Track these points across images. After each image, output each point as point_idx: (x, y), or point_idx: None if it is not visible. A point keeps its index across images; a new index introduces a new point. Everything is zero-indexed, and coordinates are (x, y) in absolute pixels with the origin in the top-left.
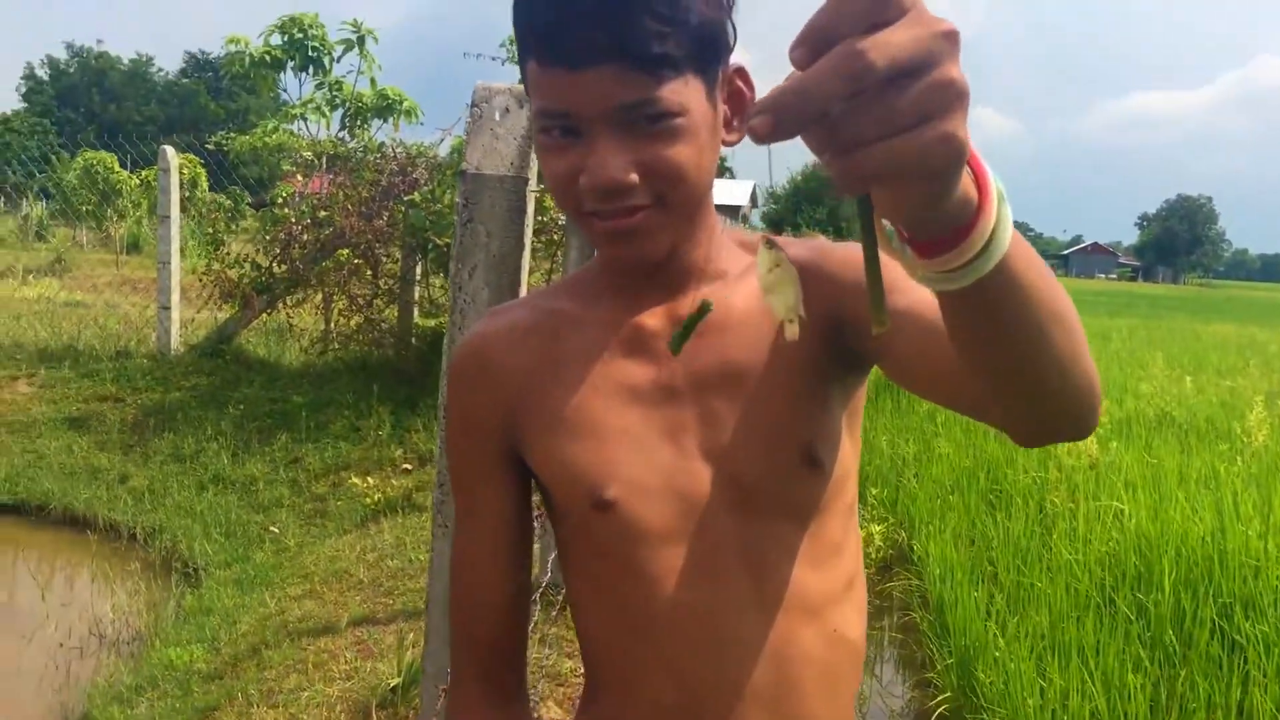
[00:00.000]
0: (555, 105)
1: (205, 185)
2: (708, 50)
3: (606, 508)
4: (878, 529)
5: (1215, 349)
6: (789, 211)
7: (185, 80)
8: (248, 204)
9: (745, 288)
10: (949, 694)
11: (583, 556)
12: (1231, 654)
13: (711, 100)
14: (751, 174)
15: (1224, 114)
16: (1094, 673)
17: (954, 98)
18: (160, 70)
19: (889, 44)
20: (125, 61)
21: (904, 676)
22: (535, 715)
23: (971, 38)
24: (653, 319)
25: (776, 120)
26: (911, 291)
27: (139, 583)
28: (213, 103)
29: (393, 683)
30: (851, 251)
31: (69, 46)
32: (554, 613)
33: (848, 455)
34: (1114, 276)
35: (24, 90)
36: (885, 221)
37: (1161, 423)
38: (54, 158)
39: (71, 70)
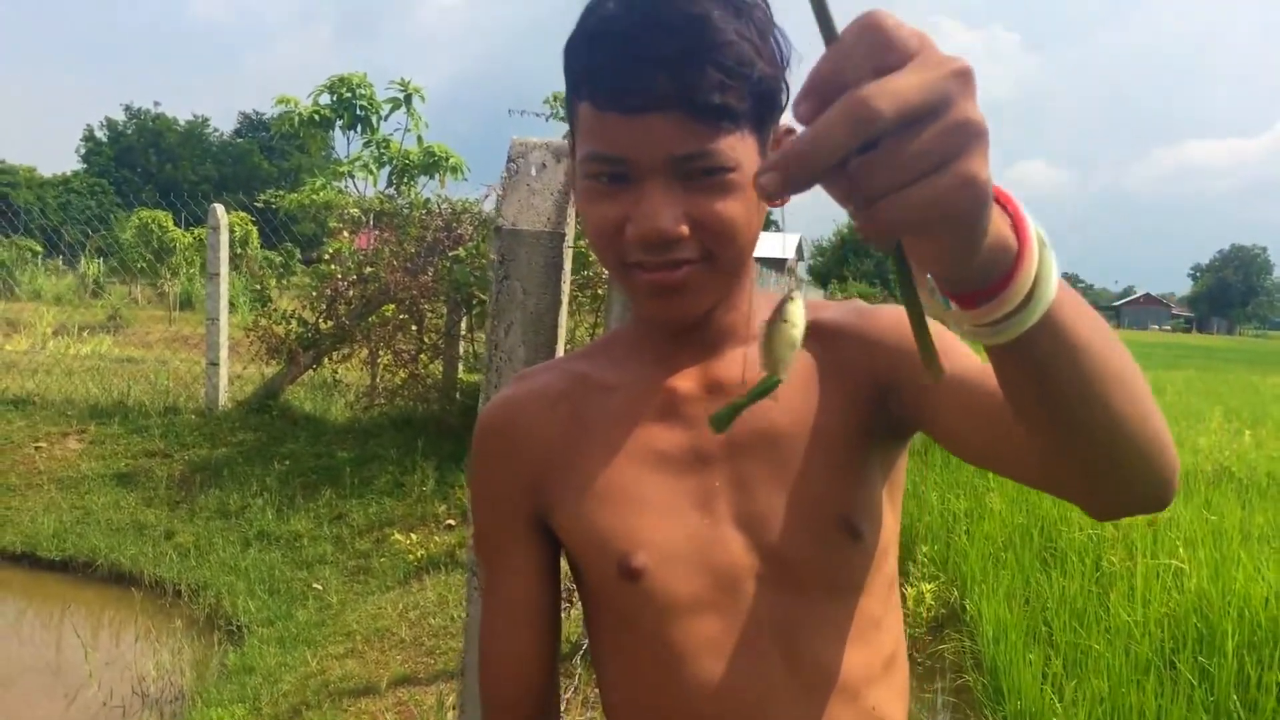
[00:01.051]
0: (608, 150)
1: (257, 242)
2: (765, 107)
3: (635, 576)
4: (928, 588)
5: (1276, 401)
6: (836, 264)
7: (239, 140)
8: (299, 260)
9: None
10: None
11: (610, 629)
12: None
13: (763, 157)
14: (798, 226)
15: (1278, 163)
16: None
17: (971, 138)
18: (215, 130)
19: (897, 90)
20: (181, 122)
21: None
22: None
23: (1023, 91)
24: (686, 381)
25: (785, 177)
26: (959, 357)
27: (182, 641)
28: (266, 161)
29: None
30: (894, 314)
31: (127, 109)
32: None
33: (889, 527)
34: (1167, 328)
35: (83, 152)
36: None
37: (1220, 478)
38: (111, 216)
39: (129, 131)
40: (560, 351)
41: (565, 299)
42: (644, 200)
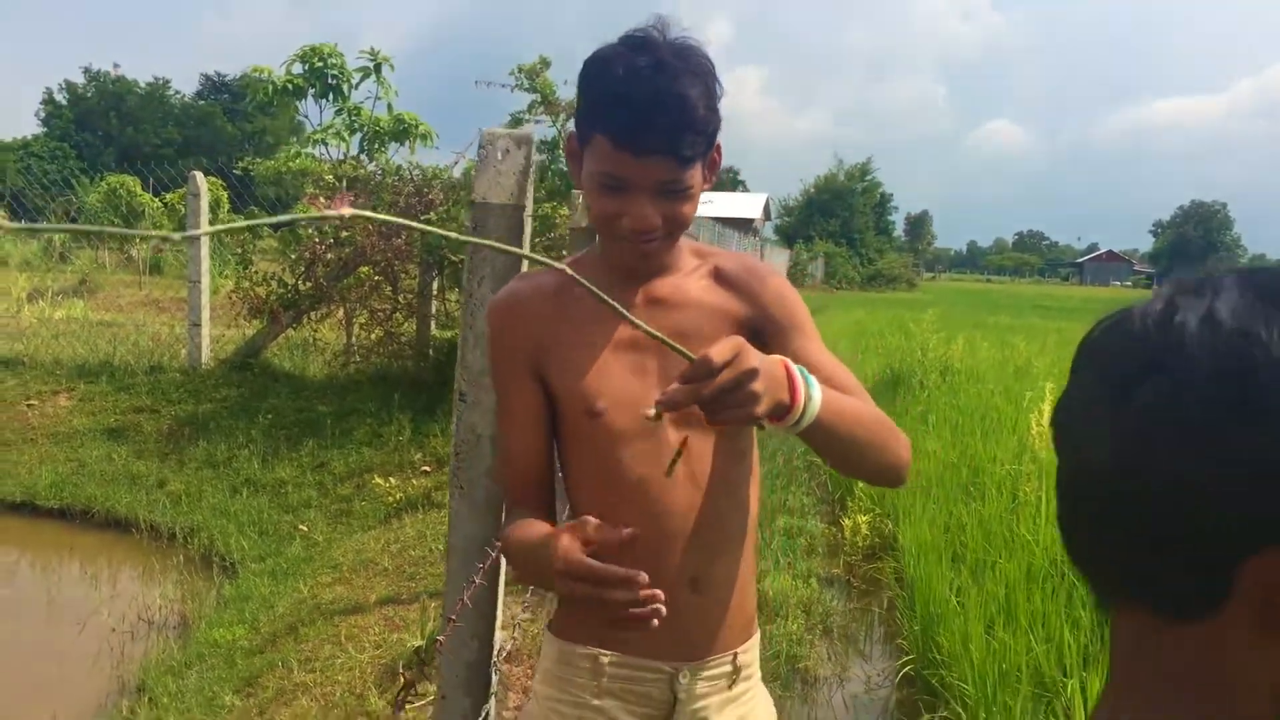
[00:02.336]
0: (619, 173)
1: (228, 207)
2: (710, 144)
3: (597, 415)
4: (864, 519)
5: None
6: (802, 223)
7: (201, 102)
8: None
9: (695, 280)
10: (913, 656)
11: (578, 450)
12: None
13: (704, 173)
14: (765, 186)
15: (1240, 120)
16: (1038, 632)
17: (753, 400)
18: (177, 93)
19: (718, 383)
20: (142, 85)
21: (881, 646)
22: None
23: (991, 50)
24: (635, 296)
25: (669, 404)
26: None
27: (181, 575)
28: (229, 124)
29: (416, 644)
30: (777, 284)
31: (87, 71)
32: None
33: None
34: (1129, 284)
35: (43, 115)
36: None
37: None
38: (74, 181)
39: (89, 95)
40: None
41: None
42: (638, 206)
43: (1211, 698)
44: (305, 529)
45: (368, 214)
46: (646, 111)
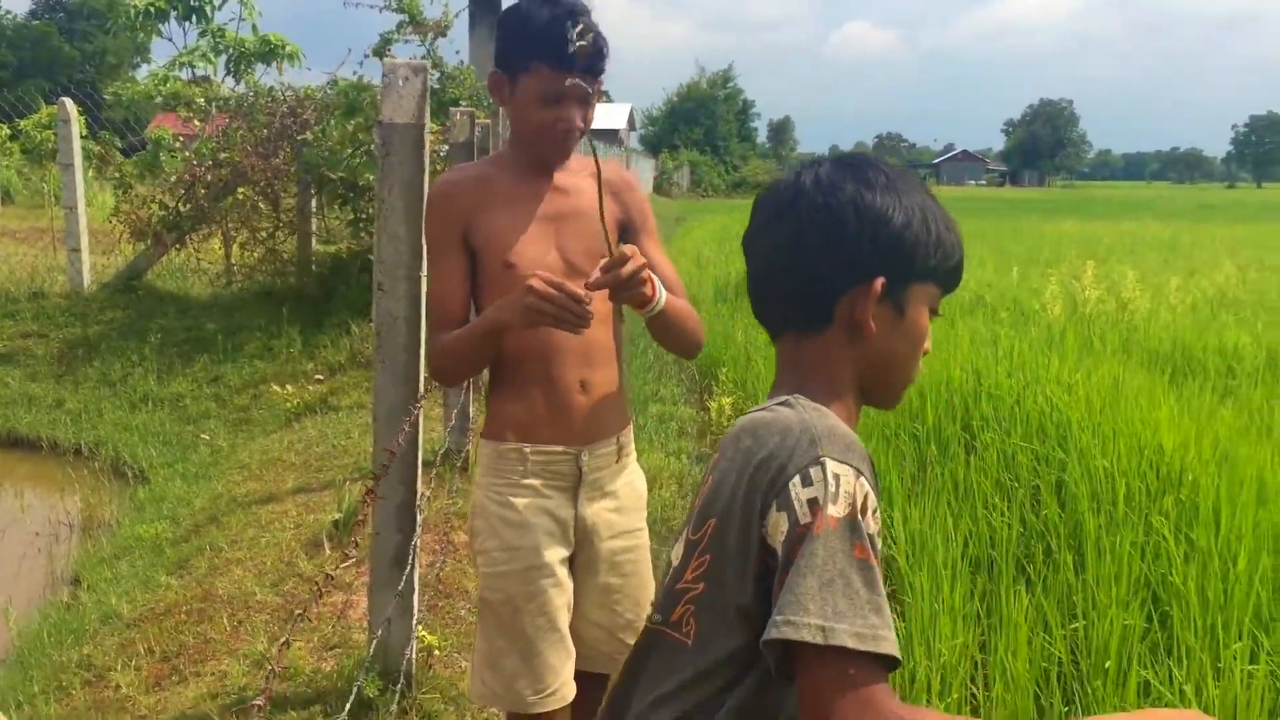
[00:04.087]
0: (555, 89)
1: (84, 131)
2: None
3: (511, 267)
4: (727, 401)
5: (1057, 243)
6: (666, 132)
7: (36, 22)
8: (118, 148)
9: (584, 178)
10: None
11: (495, 293)
12: (970, 454)
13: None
14: (628, 97)
15: (1090, 18)
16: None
17: (641, 289)
18: (8, 13)
19: (625, 274)
20: None
21: None
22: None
23: None
24: (541, 180)
25: (595, 286)
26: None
27: (94, 483)
28: (67, 44)
29: (335, 517)
30: (641, 197)
31: None
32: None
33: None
34: (983, 183)
35: None
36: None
37: (975, 305)
38: None
39: None
40: (424, 204)
41: (426, 166)
42: (568, 112)
43: (825, 379)
44: (208, 437)
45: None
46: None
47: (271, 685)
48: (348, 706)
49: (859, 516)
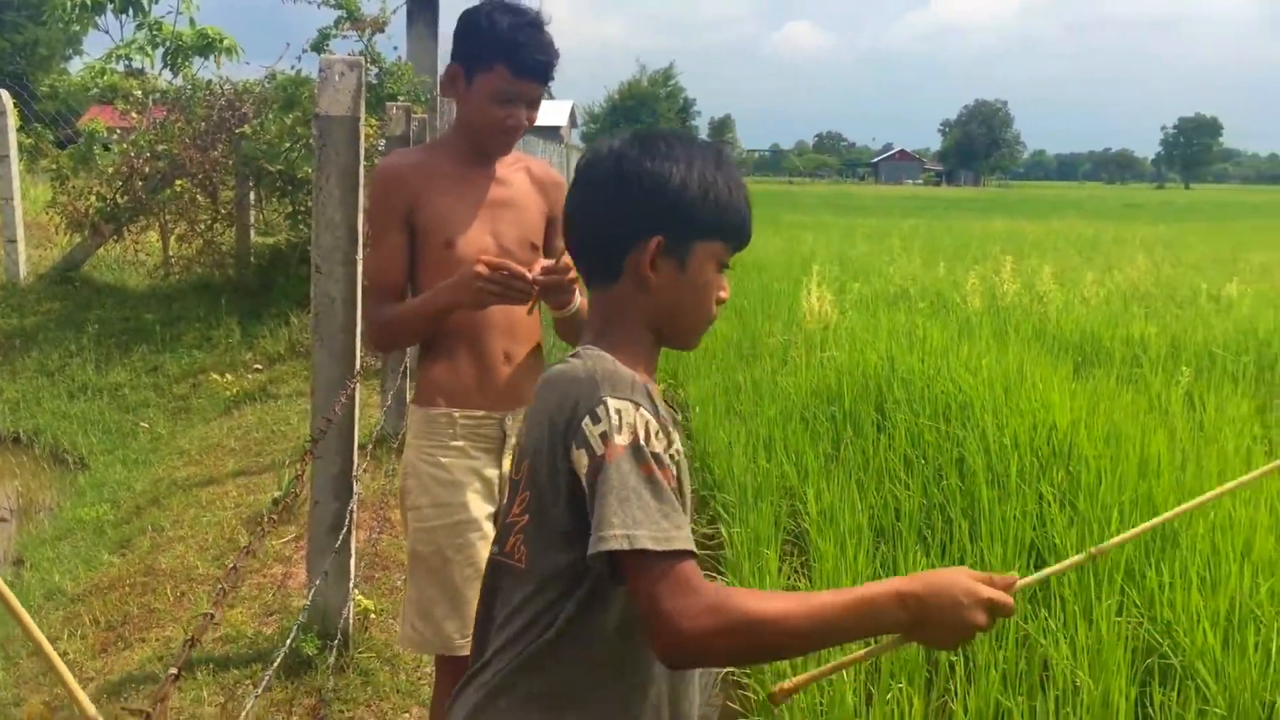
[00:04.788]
0: (511, 91)
1: (18, 122)
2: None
3: (451, 247)
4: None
5: (981, 241)
6: (606, 130)
7: None
8: (51, 141)
9: (517, 171)
10: (694, 485)
11: (435, 272)
12: (880, 433)
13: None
14: (570, 94)
15: (1026, 20)
16: (786, 454)
17: (572, 293)
18: None
19: (565, 280)
20: None
21: None
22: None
23: None
24: (481, 169)
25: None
26: None
27: (34, 470)
28: None
29: (275, 495)
30: (562, 188)
31: None
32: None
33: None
34: (920, 182)
35: None
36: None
37: (899, 297)
38: None
39: None
40: (360, 193)
41: (361, 156)
42: (519, 114)
43: (620, 325)
44: (147, 425)
45: None
46: (535, 52)
47: (208, 624)
48: (279, 658)
49: (641, 441)
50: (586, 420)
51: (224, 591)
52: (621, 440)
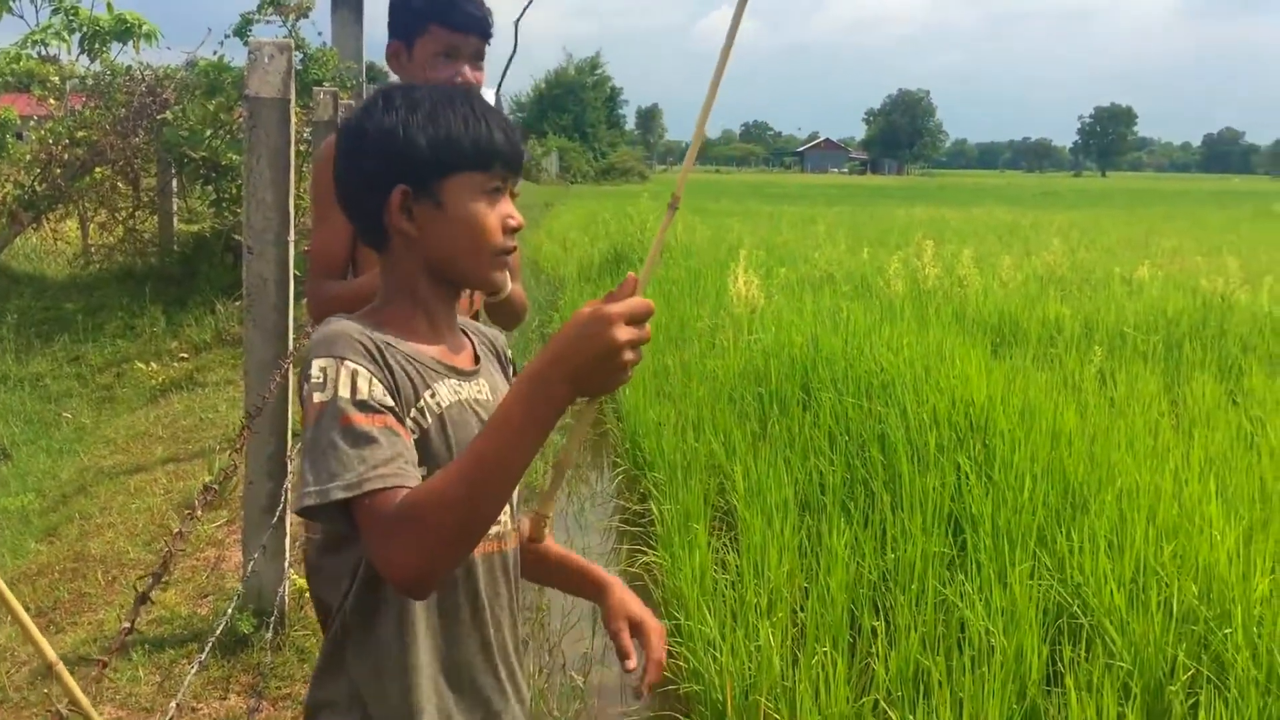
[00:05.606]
0: (455, 44)
1: None
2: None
3: None
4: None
5: (903, 227)
6: (536, 119)
7: None
8: None
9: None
10: (625, 465)
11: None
12: (805, 411)
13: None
14: (494, 80)
15: (947, 9)
16: (715, 433)
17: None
18: None
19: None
20: None
21: (605, 459)
22: None
23: None
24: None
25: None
26: None
27: None
28: None
29: (207, 480)
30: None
31: None
32: None
33: None
34: (845, 170)
35: None
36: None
37: (824, 281)
38: None
39: None
40: (291, 174)
41: (292, 138)
42: (463, 70)
43: (395, 286)
44: (70, 415)
45: None
46: (465, 4)
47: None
48: (217, 634)
49: (342, 393)
50: (304, 384)
51: (159, 575)
52: (323, 396)
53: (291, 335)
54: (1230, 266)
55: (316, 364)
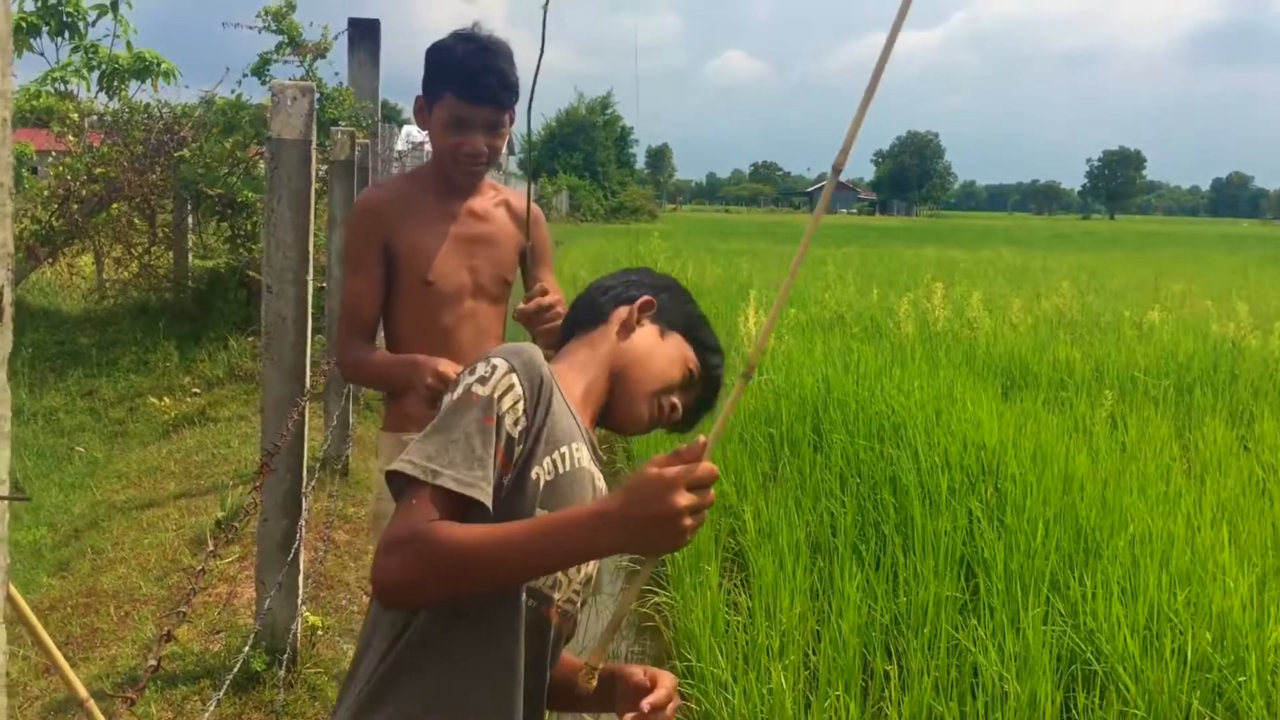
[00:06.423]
0: (466, 117)
1: None
2: (516, 99)
3: (429, 284)
4: None
5: (913, 269)
6: (546, 158)
7: None
8: None
9: (494, 205)
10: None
11: (412, 306)
12: (817, 452)
13: (510, 118)
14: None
15: (954, 52)
16: (726, 474)
17: (556, 321)
18: None
19: (551, 312)
20: None
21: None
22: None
23: None
24: (458, 205)
25: (519, 316)
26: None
27: None
28: None
29: (218, 515)
30: (542, 224)
31: None
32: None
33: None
34: (854, 211)
35: None
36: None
37: (834, 323)
38: None
39: None
40: (311, 214)
41: (313, 180)
42: (473, 139)
43: (594, 355)
44: (82, 449)
45: None
46: (482, 76)
47: (160, 648)
48: (231, 676)
49: (496, 395)
50: (472, 370)
51: (183, 613)
52: (482, 390)
53: (308, 373)
54: (1240, 311)
55: (498, 362)
